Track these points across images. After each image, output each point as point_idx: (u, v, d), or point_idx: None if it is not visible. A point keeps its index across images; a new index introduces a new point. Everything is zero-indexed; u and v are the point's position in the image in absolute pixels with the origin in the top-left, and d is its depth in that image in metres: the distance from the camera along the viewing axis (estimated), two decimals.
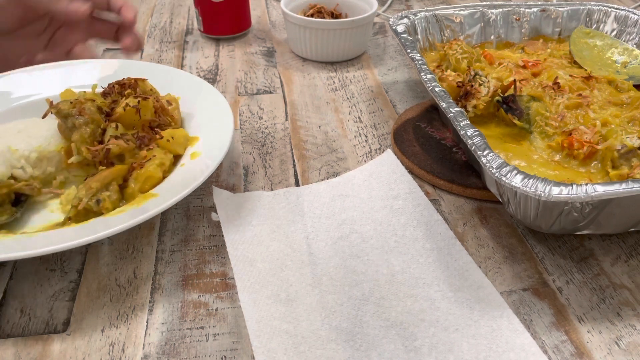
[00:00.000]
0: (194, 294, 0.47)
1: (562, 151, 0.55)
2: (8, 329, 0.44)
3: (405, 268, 0.49)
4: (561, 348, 0.43)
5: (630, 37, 0.73)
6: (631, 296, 0.47)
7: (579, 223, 0.46)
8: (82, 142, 0.55)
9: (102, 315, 0.45)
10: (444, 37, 0.75)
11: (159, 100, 0.59)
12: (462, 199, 0.58)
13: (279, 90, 0.77)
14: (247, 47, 0.87)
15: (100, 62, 0.68)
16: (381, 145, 0.65)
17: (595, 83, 0.63)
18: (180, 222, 0.54)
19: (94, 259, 0.50)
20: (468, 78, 0.63)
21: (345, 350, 0.42)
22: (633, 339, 0.44)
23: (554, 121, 0.58)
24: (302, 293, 0.47)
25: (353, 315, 0.45)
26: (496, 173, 0.46)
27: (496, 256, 0.51)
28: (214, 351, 0.43)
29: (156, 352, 0.43)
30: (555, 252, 0.51)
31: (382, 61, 0.84)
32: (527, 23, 0.76)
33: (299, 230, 0.53)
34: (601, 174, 0.53)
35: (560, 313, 0.46)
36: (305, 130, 0.68)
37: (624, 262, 0.50)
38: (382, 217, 0.54)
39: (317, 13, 0.84)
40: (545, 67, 0.67)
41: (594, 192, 0.42)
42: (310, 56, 0.83)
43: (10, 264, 0.50)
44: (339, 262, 0.50)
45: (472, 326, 0.44)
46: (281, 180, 0.60)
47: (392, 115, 0.71)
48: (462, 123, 0.52)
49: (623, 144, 0.52)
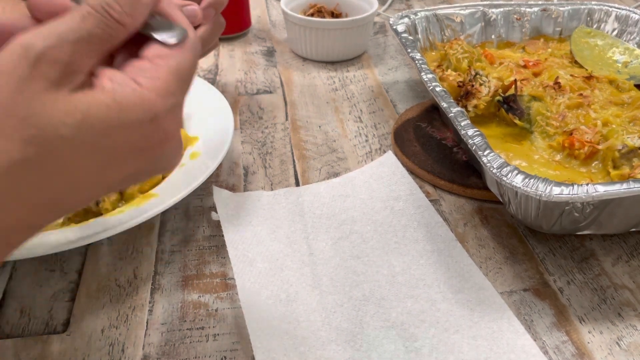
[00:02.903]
0: (193, 295, 0.47)
1: (563, 151, 0.55)
2: (7, 330, 0.44)
3: (406, 269, 0.49)
4: (562, 348, 0.43)
5: (631, 37, 0.73)
6: (632, 296, 0.47)
7: (580, 223, 0.46)
8: None
9: (102, 315, 0.45)
10: (444, 36, 0.75)
11: None
12: (462, 199, 0.57)
13: (279, 90, 0.76)
14: (247, 47, 0.87)
15: None
16: (381, 145, 0.65)
17: (596, 83, 0.63)
18: (180, 223, 0.54)
19: (94, 259, 0.50)
20: (469, 78, 0.62)
21: (346, 350, 0.42)
22: (634, 339, 0.44)
23: (554, 121, 0.57)
24: (302, 293, 0.47)
25: (353, 316, 0.45)
26: (497, 173, 0.46)
27: (497, 256, 0.51)
28: (214, 352, 0.43)
29: (156, 353, 0.42)
30: (556, 253, 0.51)
31: (382, 61, 0.84)
32: (528, 22, 0.76)
33: (299, 231, 0.53)
34: (602, 174, 0.53)
35: (561, 313, 0.46)
36: (305, 130, 0.68)
37: (625, 263, 0.50)
38: (382, 218, 0.54)
39: (317, 13, 0.84)
40: (546, 67, 0.66)
41: (595, 192, 0.42)
42: (310, 56, 0.83)
43: (10, 264, 0.50)
44: (339, 263, 0.50)
45: (473, 327, 0.44)
46: (281, 180, 0.60)
47: (393, 115, 0.71)
48: (463, 123, 0.52)
49: (624, 144, 0.51)
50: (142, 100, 0.30)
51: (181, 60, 0.32)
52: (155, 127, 0.30)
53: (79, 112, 0.28)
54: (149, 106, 0.30)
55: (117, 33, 0.31)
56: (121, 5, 0.30)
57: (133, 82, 0.30)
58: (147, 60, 0.31)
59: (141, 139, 0.30)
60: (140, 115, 0.30)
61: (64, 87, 0.29)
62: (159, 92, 0.30)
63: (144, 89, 0.30)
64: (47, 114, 0.28)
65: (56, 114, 0.28)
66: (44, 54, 0.28)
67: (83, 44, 0.29)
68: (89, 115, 0.28)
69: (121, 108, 0.29)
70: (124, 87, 0.30)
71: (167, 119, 0.31)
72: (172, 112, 0.31)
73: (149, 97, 0.30)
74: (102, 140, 0.29)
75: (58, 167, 0.29)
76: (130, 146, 0.30)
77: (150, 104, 0.30)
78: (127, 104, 0.29)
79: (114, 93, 0.29)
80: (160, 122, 0.31)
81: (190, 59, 0.32)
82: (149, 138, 0.31)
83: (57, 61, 0.28)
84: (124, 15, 0.31)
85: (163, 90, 0.30)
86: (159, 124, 0.31)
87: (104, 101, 0.29)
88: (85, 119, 0.28)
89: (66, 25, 0.29)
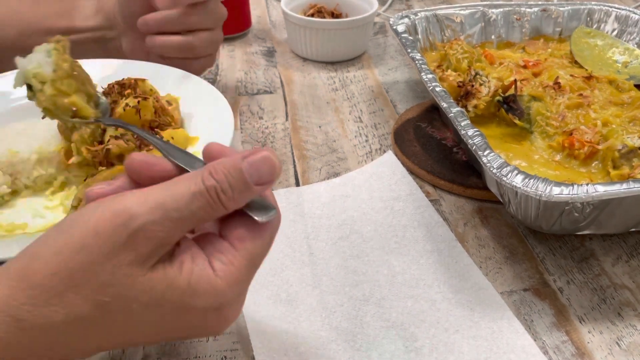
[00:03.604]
0: None
1: (562, 151, 0.55)
2: None
3: (406, 269, 0.49)
4: (562, 348, 0.43)
5: (631, 37, 0.73)
6: (632, 296, 0.47)
7: (580, 223, 0.46)
8: (82, 143, 0.55)
9: None
10: (444, 36, 0.75)
11: (159, 101, 0.59)
12: (462, 199, 0.57)
13: (279, 90, 0.76)
14: (247, 47, 0.87)
15: (100, 62, 0.67)
16: (381, 145, 0.65)
17: (596, 83, 0.63)
18: None
19: None
20: (469, 78, 0.63)
21: (346, 350, 0.42)
22: (634, 339, 0.44)
23: (554, 121, 0.57)
24: (302, 293, 0.47)
25: (353, 316, 0.45)
26: (497, 173, 0.46)
27: (497, 256, 0.51)
28: (214, 351, 0.43)
29: (156, 353, 0.42)
30: (556, 252, 0.51)
31: (382, 61, 0.84)
32: (528, 23, 0.76)
33: (300, 231, 0.53)
34: (602, 174, 0.53)
35: (561, 313, 0.46)
36: (305, 130, 0.68)
37: (624, 263, 0.50)
38: (382, 218, 0.54)
39: (318, 13, 0.84)
40: (546, 67, 0.66)
41: (595, 192, 0.42)
42: (310, 56, 0.83)
43: None
44: (339, 263, 0.50)
45: (473, 327, 0.44)
46: (281, 180, 0.60)
47: (393, 115, 0.71)
48: (463, 123, 0.52)
49: (624, 144, 0.52)
50: (214, 289, 0.30)
51: (258, 245, 0.32)
52: (218, 315, 0.32)
53: (155, 292, 0.29)
54: (219, 296, 0.31)
55: (217, 214, 0.31)
56: (233, 191, 0.30)
57: (210, 267, 0.31)
58: (227, 242, 0.32)
59: (202, 321, 0.32)
60: (208, 303, 0.30)
61: (150, 260, 0.29)
62: (230, 281, 0.31)
63: (218, 277, 0.30)
64: (126, 286, 0.29)
65: (133, 290, 0.29)
66: (144, 230, 0.28)
67: (184, 223, 0.30)
68: (162, 297, 0.29)
69: (193, 294, 0.30)
70: (201, 272, 0.30)
71: (231, 307, 0.32)
72: (237, 300, 0.32)
73: (221, 287, 0.30)
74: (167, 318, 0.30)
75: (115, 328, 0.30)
76: (190, 325, 0.32)
77: (220, 294, 0.31)
78: (200, 290, 0.30)
79: (191, 276, 0.30)
80: (224, 311, 0.32)
81: (267, 243, 0.33)
82: (209, 322, 0.32)
83: (154, 238, 0.29)
84: (232, 201, 0.31)
85: (235, 279, 0.31)
86: (223, 312, 0.32)
87: (180, 286, 0.30)
88: (158, 300, 0.29)
89: (174, 201, 0.29)
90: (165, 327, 0.31)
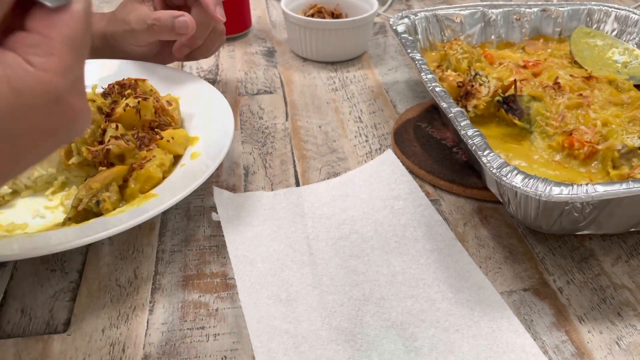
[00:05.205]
0: (194, 294, 0.47)
1: (562, 151, 0.55)
2: (8, 329, 0.44)
3: (406, 269, 0.49)
4: (562, 348, 0.43)
5: (631, 37, 0.73)
6: (632, 296, 0.47)
7: (580, 223, 0.46)
8: (82, 143, 0.55)
9: (103, 315, 0.45)
10: (444, 37, 0.75)
11: (159, 101, 0.59)
12: (462, 199, 0.58)
13: (279, 90, 0.76)
14: (247, 47, 0.87)
15: (100, 62, 0.67)
16: (381, 145, 0.65)
17: (595, 83, 0.63)
18: (180, 223, 0.54)
19: (95, 259, 0.50)
20: (468, 78, 0.63)
21: (346, 350, 0.42)
22: (634, 339, 0.44)
23: (554, 121, 0.58)
24: (302, 293, 0.47)
25: (353, 316, 0.45)
26: (497, 173, 0.46)
27: (497, 256, 0.51)
28: (214, 351, 0.43)
29: (156, 353, 0.43)
30: (555, 252, 0.51)
31: (382, 61, 0.84)
32: (528, 23, 0.76)
33: (300, 231, 0.53)
34: (602, 174, 0.53)
35: (561, 313, 0.46)
36: (305, 131, 0.68)
37: (624, 262, 0.50)
38: (382, 217, 0.54)
39: (318, 13, 0.84)
40: (545, 67, 0.67)
41: (595, 192, 0.42)
42: (310, 56, 0.83)
43: (11, 264, 0.50)
44: (339, 263, 0.50)
45: (473, 327, 0.44)
46: (281, 180, 0.60)
47: (393, 115, 0.71)
48: (463, 123, 0.52)
49: (624, 144, 0.52)
50: (40, 83, 0.27)
51: (73, 25, 0.29)
52: (61, 107, 0.29)
53: None
54: (51, 88, 0.28)
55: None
56: None
57: (25, 62, 0.27)
58: (37, 33, 0.28)
59: (49, 121, 0.29)
60: (43, 99, 0.28)
61: None
62: (57, 70, 0.28)
63: (41, 70, 0.27)
64: None
65: None
66: None
67: None
68: None
69: (19, 94, 0.27)
70: (17, 71, 0.27)
71: (71, 95, 0.29)
72: (74, 86, 0.29)
73: (48, 79, 0.28)
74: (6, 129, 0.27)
75: None
76: (39, 130, 0.29)
77: (50, 85, 0.28)
78: (24, 88, 0.27)
79: (8, 80, 0.27)
80: (65, 101, 0.29)
81: (82, 21, 0.29)
82: (57, 119, 0.29)
83: None
84: None
85: (61, 67, 0.28)
86: (65, 103, 0.29)
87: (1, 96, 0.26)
88: None
89: None
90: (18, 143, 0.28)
